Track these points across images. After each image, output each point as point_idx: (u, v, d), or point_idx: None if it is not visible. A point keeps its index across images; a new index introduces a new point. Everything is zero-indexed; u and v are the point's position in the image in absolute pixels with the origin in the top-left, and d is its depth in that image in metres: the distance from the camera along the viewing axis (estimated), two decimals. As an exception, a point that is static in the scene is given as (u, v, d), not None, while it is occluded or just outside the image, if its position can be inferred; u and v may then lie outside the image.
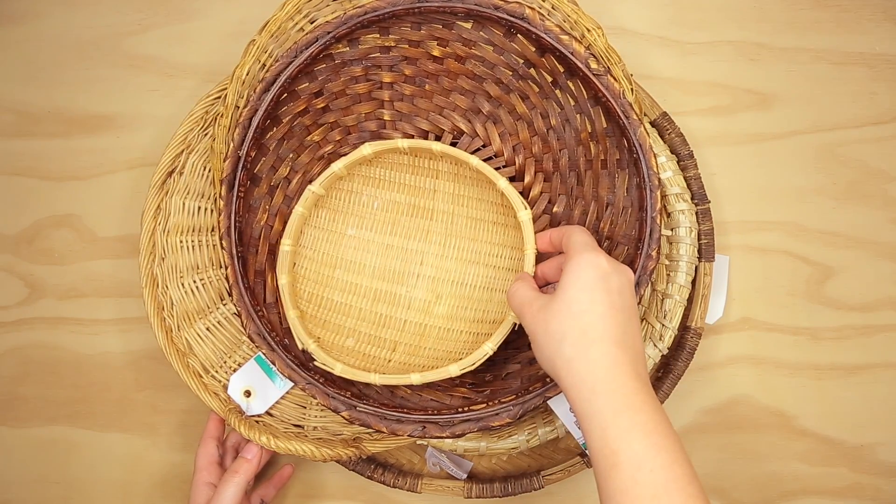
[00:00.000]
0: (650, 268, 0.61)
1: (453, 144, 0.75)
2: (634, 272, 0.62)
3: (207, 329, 0.74)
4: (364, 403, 0.63)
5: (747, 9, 0.83)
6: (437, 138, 0.75)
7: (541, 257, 0.66)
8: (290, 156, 0.71)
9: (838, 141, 0.82)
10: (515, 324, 0.65)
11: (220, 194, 0.65)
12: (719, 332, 0.81)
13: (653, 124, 0.76)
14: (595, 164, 0.68)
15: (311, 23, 0.69)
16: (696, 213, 0.74)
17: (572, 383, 0.51)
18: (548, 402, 0.63)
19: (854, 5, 0.82)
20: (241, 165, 0.65)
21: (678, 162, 0.75)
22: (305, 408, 0.73)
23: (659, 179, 0.62)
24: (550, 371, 0.54)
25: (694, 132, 0.80)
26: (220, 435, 0.75)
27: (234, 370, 0.73)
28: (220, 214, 0.65)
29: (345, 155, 0.71)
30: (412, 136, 0.74)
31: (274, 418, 0.72)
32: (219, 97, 0.74)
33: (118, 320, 0.84)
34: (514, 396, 0.61)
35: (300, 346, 0.67)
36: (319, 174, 0.72)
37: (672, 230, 0.74)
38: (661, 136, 0.76)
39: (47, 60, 0.85)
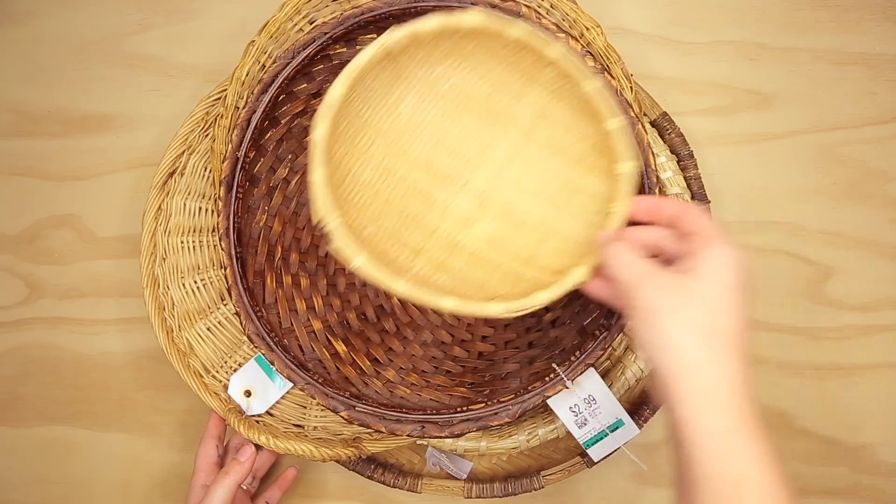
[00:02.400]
0: None
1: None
2: None
3: (208, 329, 0.74)
4: (363, 403, 0.63)
5: (747, 9, 0.83)
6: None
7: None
8: (289, 157, 0.71)
9: (838, 141, 0.82)
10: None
11: (219, 195, 0.65)
12: (719, 332, 0.81)
13: (653, 124, 0.76)
14: None
15: (311, 23, 0.69)
16: (697, 213, 0.74)
17: (692, 389, 0.45)
18: (547, 401, 0.63)
19: (854, 5, 0.82)
20: (239, 166, 0.65)
21: (678, 162, 0.75)
22: (306, 408, 0.73)
23: (657, 177, 0.62)
24: (660, 361, 0.47)
25: (694, 132, 0.80)
26: (221, 434, 0.74)
27: (235, 370, 0.73)
28: (219, 215, 0.65)
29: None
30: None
31: (274, 418, 0.72)
32: (219, 98, 0.74)
33: (118, 320, 0.84)
34: (512, 396, 0.62)
35: (319, 217, 0.54)
36: None
37: (672, 230, 0.74)
38: (661, 137, 0.76)
39: (47, 60, 0.85)
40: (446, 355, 0.72)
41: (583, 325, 0.66)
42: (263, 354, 0.64)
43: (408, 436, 0.62)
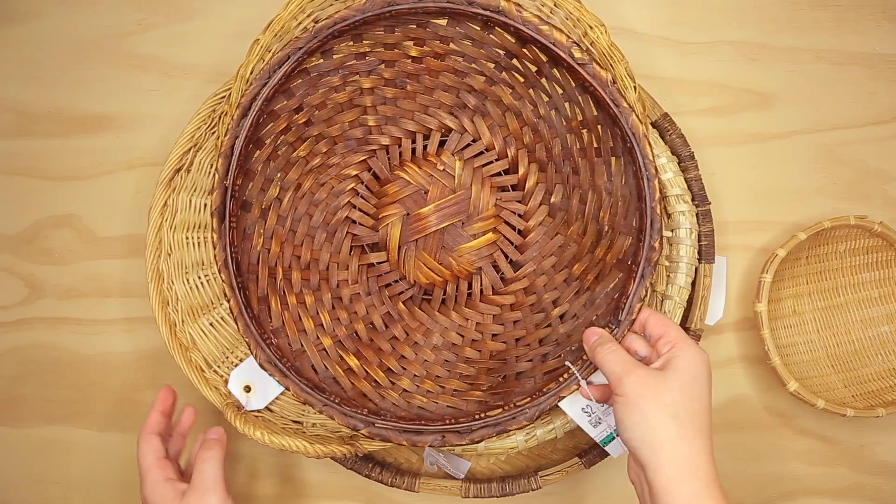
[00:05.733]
0: (654, 259, 0.61)
1: (442, 143, 0.74)
2: (637, 265, 0.62)
3: (211, 325, 0.74)
4: (382, 419, 0.62)
5: (747, 9, 0.83)
6: (426, 138, 0.74)
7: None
8: (278, 175, 0.70)
9: (838, 141, 0.82)
10: None
11: (212, 227, 0.63)
12: (719, 332, 0.81)
13: (653, 125, 0.76)
14: (589, 152, 0.67)
15: (315, 22, 0.69)
16: (697, 214, 0.74)
17: (670, 461, 0.53)
18: (559, 403, 0.62)
19: (854, 5, 0.82)
20: (229, 195, 0.63)
21: (679, 163, 0.75)
22: (305, 405, 0.73)
23: (655, 168, 0.61)
24: (643, 439, 0.54)
25: (694, 132, 0.80)
26: (163, 430, 0.70)
27: (236, 365, 0.73)
28: (214, 247, 0.63)
29: (333, 165, 0.72)
30: (399, 139, 0.74)
31: (274, 414, 0.72)
32: (224, 96, 0.74)
33: (118, 320, 0.84)
34: (528, 398, 0.61)
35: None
36: (310, 188, 0.72)
37: (672, 231, 0.74)
38: (662, 137, 0.76)
39: (47, 60, 0.85)
40: (458, 357, 0.72)
41: (591, 321, 0.66)
42: (278, 381, 0.63)
43: (430, 446, 0.61)
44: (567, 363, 0.62)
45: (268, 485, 0.82)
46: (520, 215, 0.74)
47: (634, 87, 0.68)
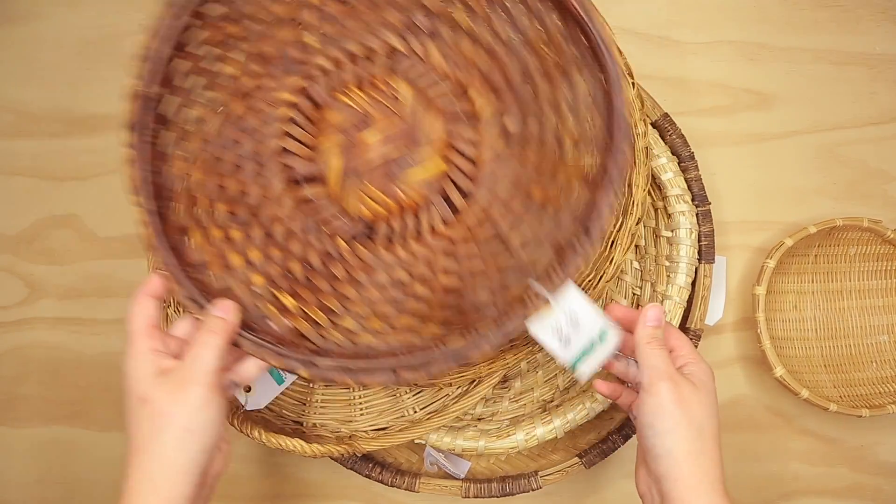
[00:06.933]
0: (624, 168, 0.54)
1: (390, 69, 0.67)
2: (606, 172, 0.55)
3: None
4: (324, 358, 0.56)
5: (747, 9, 0.83)
6: (371, 61, 0.66)
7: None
8: (201, 91, 0.61)
9: (838, 141, 0.82)
10: None
11: (129, 142, 0.54)
12: (719, 332, 0.81)
13: (653, 125, 0.76)
14: (551, 70, 0.61)
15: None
16: (697, 214, 0.74)
17: (690, 473, 0.55)
18: (529, 328, 0.57)
19: (854, 5, 0.82)
20: (150, 106, 0.55)
21: (679, 163, 0.75)
22: (305, 405, 0.73)
23: (626, 75, 0.57)
24: (670, 449, 0.55)
25: (694, 132, 0.79)
26: (162, 297, 0.57)
27: (235, 366, 0.72)
28: (131, 166, 0.54)
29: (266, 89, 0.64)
30: (342, 62, 0.66)
31: (274, 413, 0.72)
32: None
33: (118, 320, 0.84)
34: (493, 325, 0.56)
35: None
36: (239, 113, 0.64)
37: (672, 231, 0.74)
38: (662, 138, 0.76)
39: (47, 60, 0.85)
40: (407, 296, 0.65)
41: (558, 244, 0.59)
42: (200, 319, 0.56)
43: (380, 384, 0.56)
44: (530, 280, 0.56)
45: (268, 485, 0.82)
46: (473, 143, 0.66)
47: (633, 84, 0.68)
